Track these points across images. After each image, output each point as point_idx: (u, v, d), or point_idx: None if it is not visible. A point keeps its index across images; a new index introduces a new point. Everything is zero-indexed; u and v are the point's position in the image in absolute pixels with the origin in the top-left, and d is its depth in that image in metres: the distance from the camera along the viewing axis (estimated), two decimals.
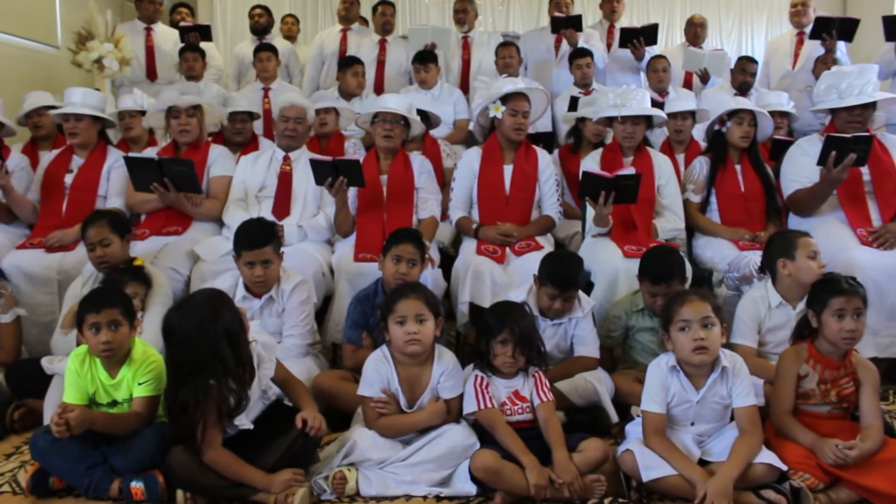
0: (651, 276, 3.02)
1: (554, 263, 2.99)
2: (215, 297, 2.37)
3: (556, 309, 2.95)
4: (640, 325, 3.10)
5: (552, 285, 2.92)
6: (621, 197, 3.33)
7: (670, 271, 2.99)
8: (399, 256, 3.04)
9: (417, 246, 3.08)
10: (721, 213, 3.76)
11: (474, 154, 3.78)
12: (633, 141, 3.66)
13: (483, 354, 2.62)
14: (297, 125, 3.83)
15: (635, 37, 5.72)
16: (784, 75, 5.87)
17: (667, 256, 3.07)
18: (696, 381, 2.47)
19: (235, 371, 2.29)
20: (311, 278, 3.44)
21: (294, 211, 3.75)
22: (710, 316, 2.42)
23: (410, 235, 3.10)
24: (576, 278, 2.99)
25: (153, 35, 5.65)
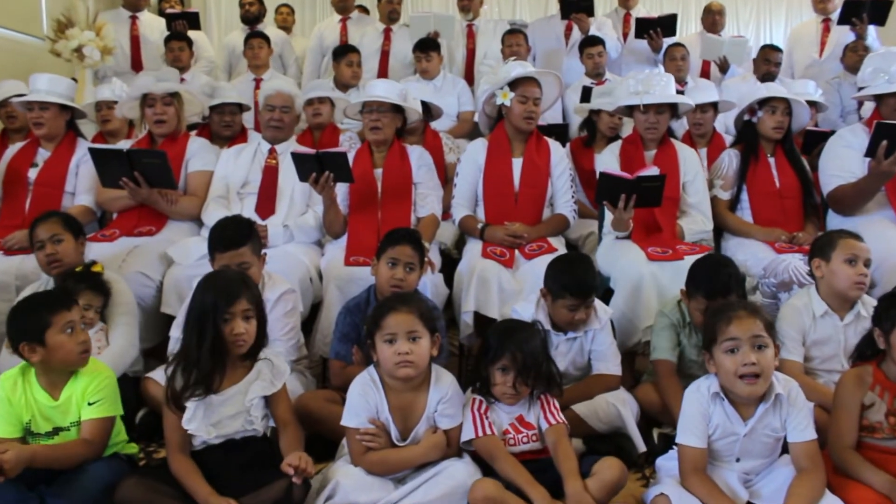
0: (707, 291, 2.49)
1: (565, 271, 2.56)
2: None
3: (580, 320, 2.54)
4: (687, 341, 2.65)
5: (571, 296, 2.51)
6: (644, 200, 2.91)
7: (728, 284, 2.50)
8: (395, 260, 2.62)
9: (416, 248, 2.66)
10: (754, 211, 3.33)
11: (479, 146, 3.36)
12: (657, 133, 3.24)
13: (483, 379, 2.22)
14: (283, 115, 3.41)
15: (652, 27, 5.28)
16: (810, 64, 5.43)
17: (723, 267, 2.57)
18: (743, 411, 2.06)
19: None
20: (298, 284, 3.02)
21: (279, 209, 3.33)
22: (762, 335, 2.01)
23: (408, 236, 2.68)
24: (593, 282, 2.59)
25: (138, 23, 5.24)
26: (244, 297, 2.06)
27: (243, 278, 2.17)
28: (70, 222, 2.81)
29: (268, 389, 2.13)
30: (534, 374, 2.19)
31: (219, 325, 2.02)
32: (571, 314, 2.53)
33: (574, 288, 2.51)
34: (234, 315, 2.04)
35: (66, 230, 2.77)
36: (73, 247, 2.77)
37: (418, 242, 2.69)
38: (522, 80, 3.24)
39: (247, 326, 2.06)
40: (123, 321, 2.76)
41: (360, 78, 4.84)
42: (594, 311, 2.61)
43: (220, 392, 2.07)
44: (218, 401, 2.06)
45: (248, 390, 2.11)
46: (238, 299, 2.05)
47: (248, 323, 2.07)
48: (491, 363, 2.21)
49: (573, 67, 5.23)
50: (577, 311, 2.52)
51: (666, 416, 2.57)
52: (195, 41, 5.56)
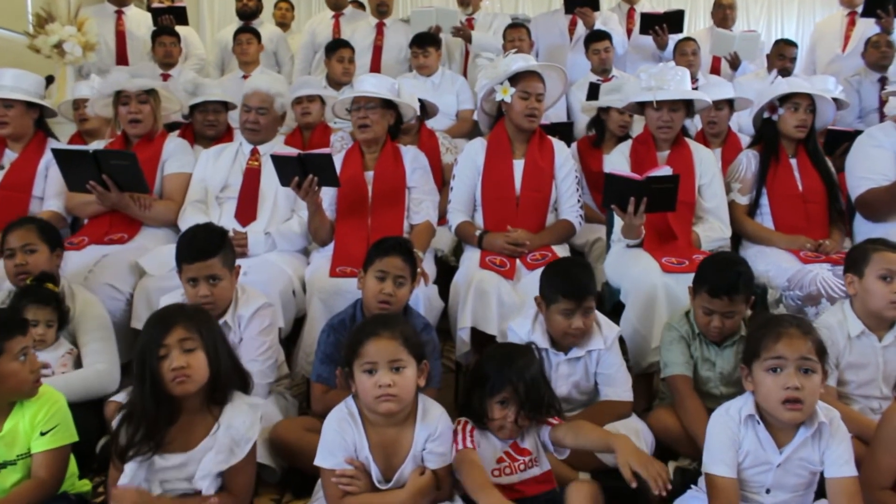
0: (710, 287, 2.27)
1: (558, 274, 2.31)
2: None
3: (577, 329, 2.25)
4: (698, 355, 2.36)
5: (564, 298, 2.23)
6: (656, 204, 2.61)
7: (735, 283, 2.26)
8: (384, 272, 2.33)
9: (407, 259, 2.37)
10: (775, 216, 3.02)
11: (478, 146, 3.06)
12: (671, 132, 2.94)
13: (476, 412, 1.95)
14: (259, 116, 3.11)
15: (658, 23, 4.97)
16: (832, 60, 5.10)
17: (733, 265, 2.33)
18: (779, 437, 1.81)
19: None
20: (279, 297, 2.74)
21: (261, 215, 3.04)
22: (810, 358, 1.75)
23: (399, 246, 2.38)
24: (590, 283, 2.30)
25: (124, 18, 4.94)
26: (180, 326, 1.76)
27: (182, 307, 1.88)
28: (47, 232, 2.54)
29: (224, 463, 1.80)
30: (536, 404, 1.92)
31: (154, 364, 1.72)
32: (567, 321, 2.24)
33: (567, 288, 2.24)
34: (170, 347, 1.74)
35: (41, 240, 2.51)
36: (46, 259, 2.51)
37: (410, 253, 2.40)
38: (524, 75, 2.95)
39: (188, 359, 1.75)
40: (98, 338, 2.49)
41: (353, 75, 4.54)
42: (597, 327, 2.33)
43: (167, 455, 1.76)
44: (162, 464, 1.76)
45: (201, 462, 1.79)
46: (172, 328, 1.75)
47: (189, 355, 1.76)
48: (489, 396, 1.93)
49: (578, 63, 4.93)
50: (573, 316, 2.24)
51: (683, 446, 2.28)
52: (185, 37, 5.27)
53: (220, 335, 1.85)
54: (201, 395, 1.80)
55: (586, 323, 2.27)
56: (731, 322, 2.31)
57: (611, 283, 2.92)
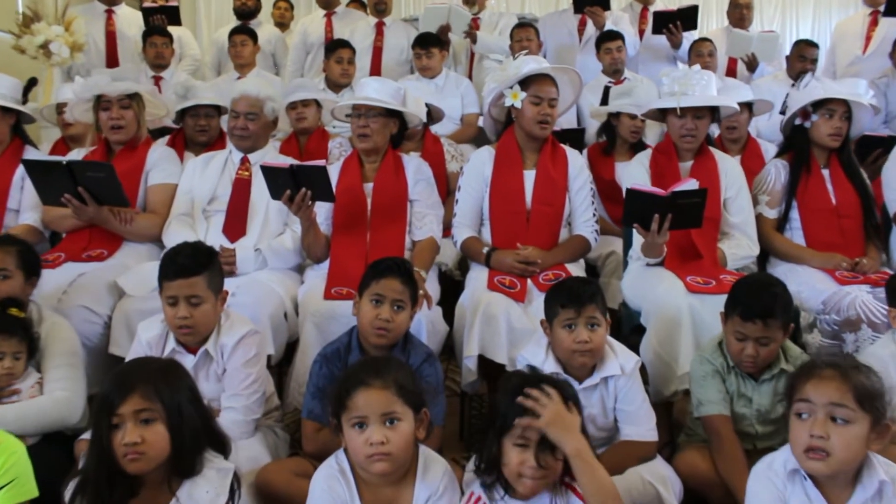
0: (743, 309, 2.03)
1: (556, 288, 2.13)
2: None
3: (582, 343, 2.01)
4: (734, 389, 2.10)
5: (563, 308, 2.03)
6: (681, 220, 2.36)
7: (770, 306, 2.02)
8: (380, 297, 2.08)
9: (406, 282, 2.12)
10: (807, 232, 2.76)
11: (485, 156, 2.81)
12: (695, 141, 2.68)
13: (491, 459, 1.65)
14: (248, 122, 2.84)
15: (671, 21, 4.71)
16: (852, 62, 4.81)
17: (768, 286, 2.09)
18: (832, 496, 1.55)
19: None
20: (268, 320, 2.49)
21: (251, 229, 2.78)
22: (845, 405, 1.49)
23: (396, 267, 2.13)
24: (593, 293, 2.07)
25: (115, 18, 4.68)
26: (138, 392, 1.49)
27: (144, 365, 1.61)
28: (25, 257, 2.28)
29: None
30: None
31: (105, 436, 1.47)
32: (570, 335, 2.01)
33: (564, 297, 2.03)
34: (124, 417, 1.47)
35: (17, 267, 2.25)
36: (19, 287, 2.25)
37: (409, 274, 2.15)
38: (535, 78, 2.69)
39: (143, 433, 1.47)
40: (63, 363, 2.22)
41: (352, 76, 4.29)
42: (611, 351, 2.09)
43: None
44: None
45: None
46: (129, 395, 1.48)
47: (146, 428, 1.49)
48: (503, 435, 1.62)
49: (588, 65, 4.66)
50: (576, 328, 2.01)
51: (716, 492, 2.03)
52: (179, 38, 5.04)
53: (188, 395, 1.56)
54: (163, 468, 1.53)
55: (593, 337, 2.02)
56: (767, 351, 2.05)
57: (629, 304, 2.66)
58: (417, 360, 2.11)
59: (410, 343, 2.15)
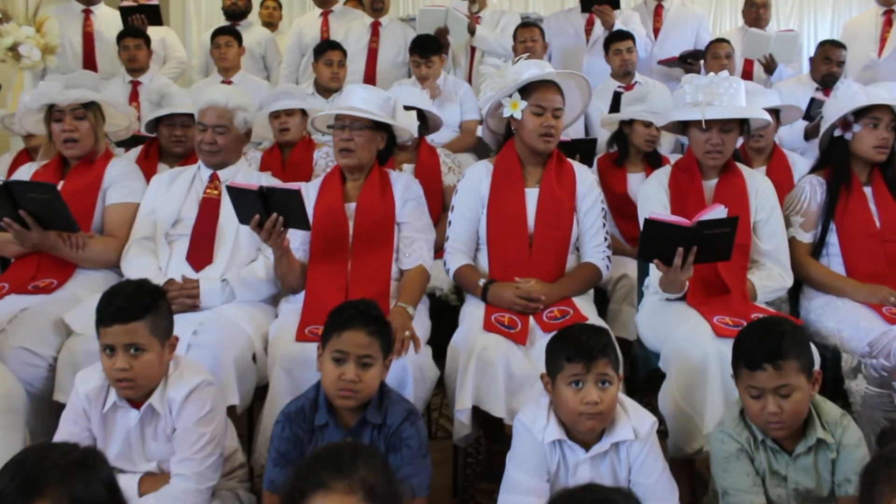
0: (748, 359, 1.69)
1: (561, 337, 1.77)
2: None
3: (591, 405, 1.66)
4: (764, 467, 1.74)
5: (570, 362, 1.69)
6: (707, 254, 2.00)
7: (778, 345, 1.67)
8: (342, 354, 1.74)
9: (375, 333, 1.76)
10: (847, 259, 2.39)
11: (482, 172, 2.44)
12: (721, 157, 2.30)
13: None
14: (216, 135, 2.48)
15: (677, 64, 4.34)
16: (867, 66, 4.41)
17: (774, 326, 1.75)
18: None
19: None
20: (233, 364, 2.14)
21: (219, 256, 2.42)
22: None
23: (361, 315, 1.76)
24: (605, 346, 1.72)
25: (93, 18, 4.32)
26: (47, 498, 1.16)
27: (58, 462, 1.25)
28: None
29: None
30: None
31: None
32: (577, 395, 1.67)
33: (571, 349, 1.69)
34: None
35: None
36: None
37: (379, 322, 1.79)
38: (538, 86, 2.33)
39: None
40: None
41: (342, 80, 3.93)
42: (623, 411, 1.74)
43: None
44: None
45: None
46: (37, 500, 1.15)
47: None
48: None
49: (596, 68, 4.29)
50: (584, 386, 1.67)
51: None
52: (163, 39, 4.70)
53: (104, 494, 1.23)
54: None
55: (603, 397, 1.67)
56: (792, 405, 1.67)
57: (646, 343, 2.29)
58: (396, 420, 1.76)
59: (387, 398, 1.80)
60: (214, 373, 2.10)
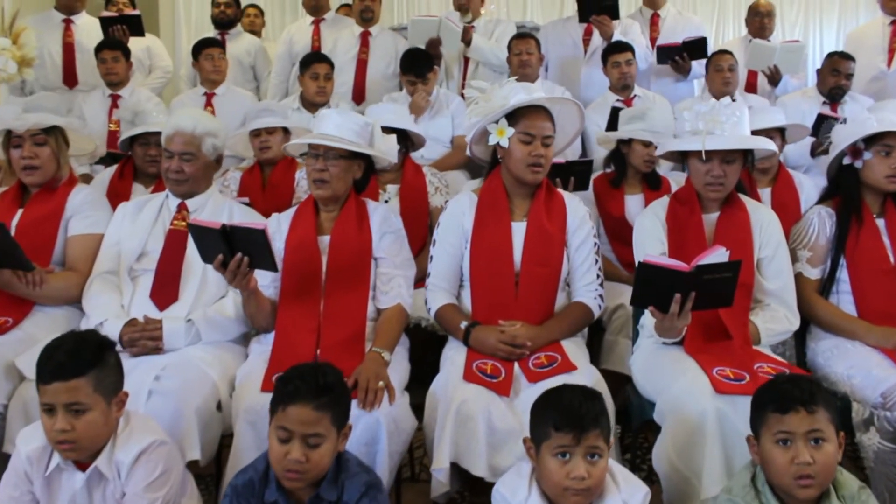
0: (780, 401, 1.56)
1: (548, 401, 1.62)
2: None
3: (578, 479, 1.51)
4: None
5: (557, 431, 1.53)
6: (707, 300, 1.82)
7: (811, 390, 1.56)
8: (287, 432, 1.56)
9: (324, 406, 1.58)
10: (858, 298, 2.20)
11: (465, 204, 2.25)
12: (723, 190, 2.11)
13: None
14: (183, 163, 2.31)
15: (677, 54, 4.13)
16: (876, 77, 4.20)
17: (799, 376, 1.70)
18: None
19: None
20: (195, 415, 1.97)
21: (185, 293, 2.24)
22: None
23: (307, 387, 1.58)
24: (597, 415, 1.56)
25: (73, 28, 4.14)
26: None
27: None
28: None
29: None
30: None
31: None
32: (563, 467, 1.52)
33: (559, 417, 1.53)
34: None
35: None
36: None
37: (329, 393, 1.59)
38: (526, 111, 2.15)
39: None
40: None
41: (329, 94, 3.74)
42: (612, 481, 1.58)
43: None
44: None
45: None
46: None
47: None
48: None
49: (594, 80, 4.10)
50: (571, 458, 1.52)
51: None
52: (149, 48, 4.52)
53: None
54: None
55: (592, 471, 1.52)
56: (824, 457, 1.53)
57: (641, 390, 2.11)
58: (353, 496, 1.60)
59: (345, 471, 1.62)
60: (175, 424, 1.95)
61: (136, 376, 2.01)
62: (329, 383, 1.59)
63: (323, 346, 2.08)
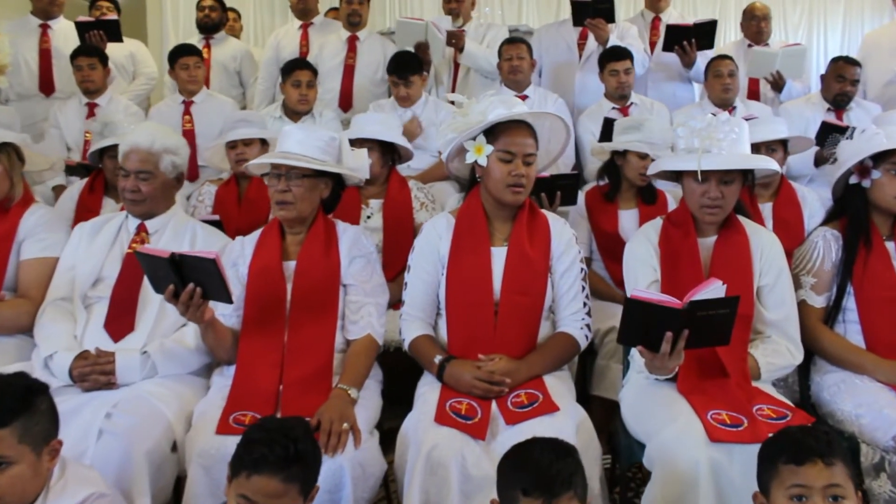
0: (795, 452, 1.40)
1: (516, 460, 1.45)
2: None
3: None
4: None
5: (526, 496, 1.37)
6: (701, 337, 1.64)
7: (829, 440, 1.42)
8: (249, 501, 1.40)
9: (293, 477, 1.43)
10: (866, 328, 2.01)
11: (442, 227, 2.08)
12: (720, 213, 1.93)
13: None
14: (140, 182, 2.14)
15: (686, 37, 3.91)
16: (891, 81, 4.00)
17: (815, 427, 1.54)
18: None
19: None
20: (144, 459, 1.80)
21: (142, 323, 2.07)
22: None
23: (277, 455, 1.42)
24: (571, 475, 1.39)
25: (50, 34, 3.97)
26: None
27: None
28: None
29: None
30: None
31: None
32: None
33: (528, 478, 1.38)
34: None
35: None
36: None
37: (299, 461, 1.43)
38: (506, 127, 1.97)
39: None
40: None
41: (312, 102, 3.57)
42: None
43: None
44: None
45: None
46: None
47: None
48: None
49: (589, 85, 3.92)
50: None
51: None
52: (133, 53, 4.37)
53: None
54: None
55: None
56: None
57: (630, 430, 1.93)
58: None
59: None
60: (123, 469, 1.78)
61: (87, 414, 1.86)
62: (300, 452, 1.42)
63: (286, 381, 1.91)
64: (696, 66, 3.96)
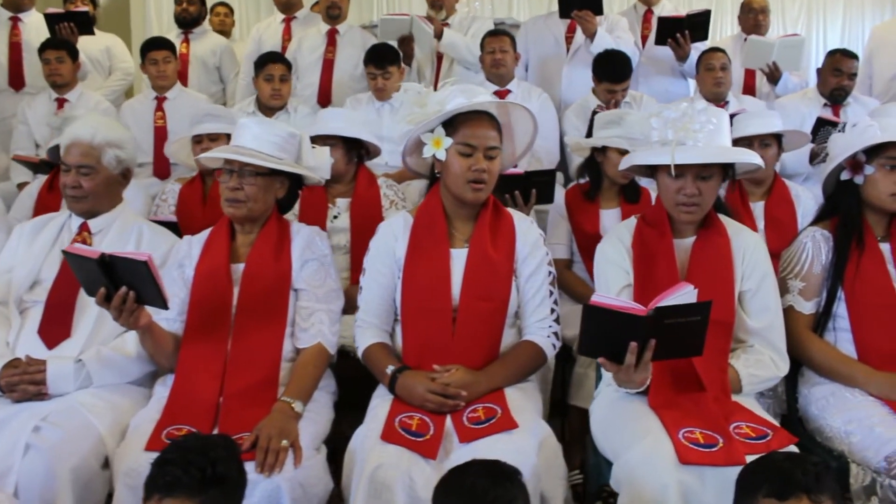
0: (779, 484, 1.27)
1: (454, 483, 1.31)
2: None
3: None
4: None
5: None
6: (670, 348, 1.48)
7: (817, 474, 1.28)
8: None
9: (210, 501, 1.28)
10: (858, 336, 1.84)
11: (399, 227, 1.91)
12: (697, 211, 1.76)
13: None
14: (81, 178, 1.98)
15: (678, 30, 3.73)
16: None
17: (804, 457, 1.37)
18: None
19: None
20: (69, 477, 1.65)
21: (79, 329, 1.92)
22: None
23: (191, 477, 1.26)
24: (509, 500, 1.26)
25: (21, 27, 3.83)
26: None
27: None
28: None
29: None
30: None
31: None
32: None
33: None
34: None
35: None
36: None
37: (216, 485, 1.28)
38: (467, 118, 1.80)
39: None
40: None
41: (285, 97, 3.41)
42: None
43: None
44: None
45: None
46: None
47: None
48: None
49: (576, 80, 3.74)
50: None
51: None
52: (109, 48, 4.23)
53: None
54: None
55: None
56: None
57: (600, 449, 1.76)
58: None
59: None
60: (46, 488, 1.64)
61: (14, 427, 1.71)
62: (218, 474, 1.27)
63: (227, 393, 1.76)
64: (689, 59, 3.79)
